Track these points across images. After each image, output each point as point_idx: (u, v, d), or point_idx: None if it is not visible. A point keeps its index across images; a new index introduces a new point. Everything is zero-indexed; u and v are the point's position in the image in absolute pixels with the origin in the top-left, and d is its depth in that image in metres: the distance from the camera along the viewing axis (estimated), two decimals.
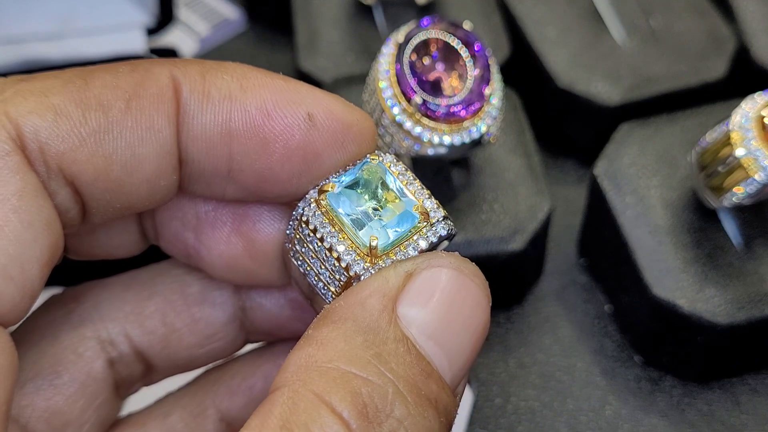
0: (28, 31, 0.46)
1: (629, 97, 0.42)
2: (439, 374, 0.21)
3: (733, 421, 0.37)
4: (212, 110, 0.23)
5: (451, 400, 0.22)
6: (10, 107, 0.21)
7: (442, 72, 0.32)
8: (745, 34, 0.44)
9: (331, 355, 0.20)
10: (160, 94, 0.22)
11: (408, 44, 0.32)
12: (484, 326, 0.22)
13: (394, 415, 0.20)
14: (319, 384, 0.20)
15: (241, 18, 0.53)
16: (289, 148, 0.23)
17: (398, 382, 0.20)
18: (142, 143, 0.22)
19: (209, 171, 0.24)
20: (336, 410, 0.19)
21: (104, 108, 0.22)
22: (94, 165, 0.22)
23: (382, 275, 0.22)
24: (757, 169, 0.33)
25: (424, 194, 0.23)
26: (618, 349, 0.39)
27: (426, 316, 0.21)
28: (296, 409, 0.19)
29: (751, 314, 0.35)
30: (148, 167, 0.23)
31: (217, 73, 0.23)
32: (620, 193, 0.38)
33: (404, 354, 0.21)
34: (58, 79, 0.22)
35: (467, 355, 0.22)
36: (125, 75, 0.23)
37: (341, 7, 0.45)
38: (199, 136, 0.23)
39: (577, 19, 0.44)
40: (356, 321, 0.21)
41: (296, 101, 0.23)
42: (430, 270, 0.22)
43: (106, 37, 0.47)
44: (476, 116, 0.32)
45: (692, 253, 0.36)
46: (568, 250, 0.42)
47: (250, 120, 0.23)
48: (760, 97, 0.34)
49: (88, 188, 0.22)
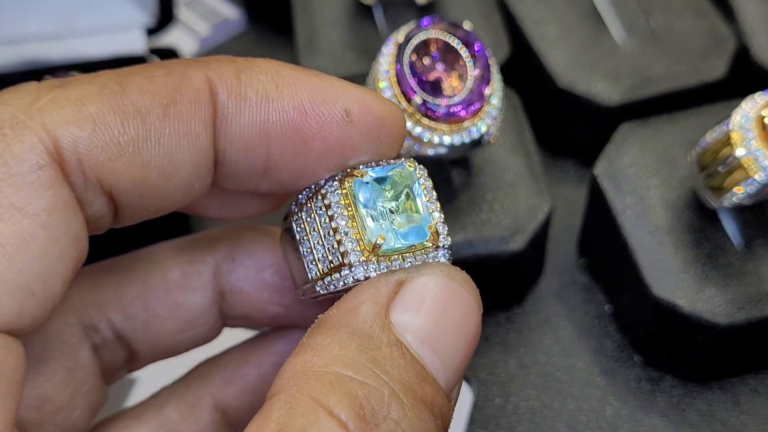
0: (28, 31, 0.46)
1: (629, 97, 0.42)
2: (433, 377, 0.21)
3: (733, 421, 0.37)
4: (250, 112, 0.23)
5: (446, 404, 0.22)
6: (46, 117, 0.21)
7: (442, 72, 0.32)
8: (745, 34, 0.44)
9: (327, 359, 0.21)
10: (197, 98, 0.22)
11: (408, 44, 0.32)
12: (475, 331, 0.23)
13: (390, 416, 0.20)
14: (315, 388, 0.20)
15: (241, 18, 0.53)
16: (327, 145, 0.23)
17: (394, 385, 0.20)
18: (179, 150, 0.22)
19: (246, 171, 0.24)
20: (333, 413, 0.19)
21: (142, 115, 0.22)
22: (131, 173, 0.22)
23: (373, 284, 0.22)
24: (757, 169, 0.33)
25: (440, 218, 0.24)
26: (618, 349, 0.39)
27: (418, 321, 0.22)
28: (294, 413, 0.19)
29: (751, 314, 0.35)
30: (184, 172, 0.22)
31: (252, 73, 0.23)
32: (620, 193, 0.38)
33: (399, 358, 0.21)
34: (94, 85, 0.22)
35: (460, 359, 0.22)
36: (161, 79, 0.22)
37: (341, 7, 0.45)
38: (237, 139, 0.23)
39: (577, 19, 0.44)
40: (350, 327, 0.21)
41: (332, 98, 0.23)
42: (420, 278, 0.22)
43: (106, 37, 0.47)
44: (476, 116, 0.32)
45: (692, 253, 0.36)
46: (568, 250, 0.42)
47: (287, 120, 0.23)
48: (760, 97, 0.34)
49: (125, 195, 0.22)
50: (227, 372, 0.29)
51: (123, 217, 0.23)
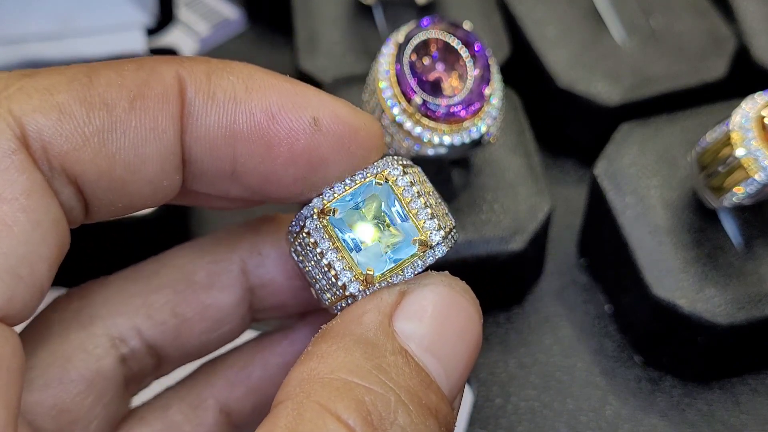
0: (28, 31, 0.46)
1: (629, 97, 0.42)
2: (437, 385, 0.22)
3: (733, 421, 0.37)
4: (216, 112, 0.23)
5: (449, 412, 0.22)
6: (14, 105, 0.21)
7: (442, 72, 0.32)
8: (745, 34, 0.44)
9: (333, 366, 0.21)
10: (165, 94, 0.22)
11: (408, 44, 0.32)
12: (477, 339, 0.23)
13: (397, 422, 0.20)
14: (322, 394, 0.20)
15: (241, 18, 0.53)
16: (293, 152, 0.23)
17: (400, 392, 0.21)
18: (145, 143, 0.22)
19: (213, 171, 0.24)
20: (342, 418, 0.20)
21: (108, 107, 0.22)
22: (97, 164, 0.22)
23: (377, 295, 0.22)
24: (757, 169, 0.33)
25: (427, 214, 0.23)
26: (618, 349, 0.39)
27: (422, 330, 0.22)
28: (302, 419, 0.20)
29: (751, 314, 0.35)
30: (151, 167, 0.22)
31: (223, 74, 0.23)
32: (620, 193, 0.38)
33: (403, 365, 0.21)
34: (63, 76, 0.22)
35: (462, 367, 0.22)
36: (130, 73, 0.22)
37: (341, 7, 0.45)
38: (202, 137, 0.23)
39: (577, 19, 0.44)
40: (354, 335, 0.21)
41: (302, 105, 0.23)
42: (422, 288, 0.22)
43: (106, 37, 0.47)
44: (476, 116, 0.32)
45: (692, 253, 0.36)
46: (568, 250, 0.42)
47: (254, 123, 0.23)
48: (760, 97, 0.34)
49: (91, 187, 0.22)
50: (231, 373, 0.29)
51: (93, 212, 0.23)
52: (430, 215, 0.23)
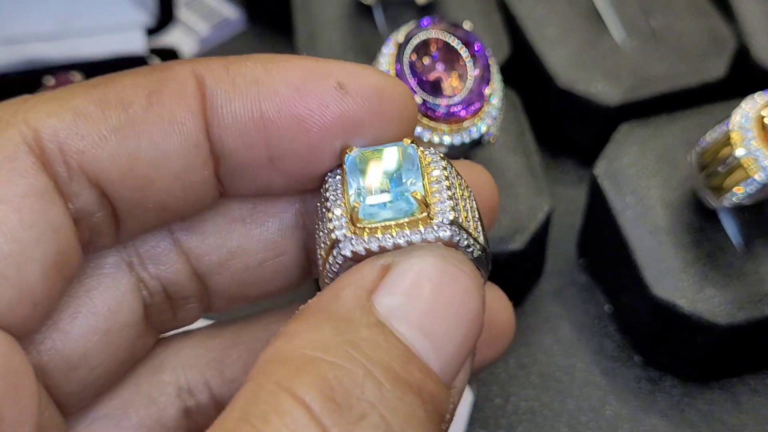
0: (28, 31, 0.46)
1: (629, 97, 0.42)
2: (422, 361, 0.20)
3: (733, 421, 0.37)
4: (240, 96, 0.22)
5: (440, 390, 0.20)
6: (29, 114, 0.21)
7: (442, 72, 0.32)
8: (745, 34, 0.44)
9: (298, 344, 0.20)
10: (181, 87, 0.22)
11: (408, 44, 0.32)
12: (475, 314, 0.21)
13: (365, 397, 0.19)
14: (282, 373, 0.19)
15: (241, 18, 0.53)
16: (325, 120, 0.22)
17: (371, 366, 0.19)
18: (165, 138, 0.22)
19: (249, 162, 0.23)
20: (297, 395, 0.19)
21: (124, 105, 0.22)
22: (117, 163, 0.22)
23: (357, 269, 0.21)
24: (757, 169, 0.33)
25: (444, 195, 0.22)
26: (618, 349, 0.39)
27: (405, 303, 0.20)
28: (256, 400, 0.19)
29: (751, 314, 0.35)
30: (175, 162, 0.22)
31: (240, 62, 0.23)
32: (620, 193, 0.38)
33: (380, 340, 0.20)
34: (81, 85, 0.22)
35: (457, 343, 0.21)
36: (145, 74, 0.22)
37: (341, 7, 0.45)
38: (231, 126, 0.22)
39: (577, 19, 0.44)
40: (328, 312, 0.20)
41: (324, 73, 0.22)
42: (408, 260, 0.21)
43: (106, 37, 0.47)
44: (476, 116, 0.32)
45: (692, 253, 0.36)
46: (568, 250, 0.42)
47: (280, 100, 0.22)
48: (760, 97, 0.34)
49: (115, 188, 0.22)
50: None
51: (123, 216, 0.23)
52: (450, 206, 0.22)
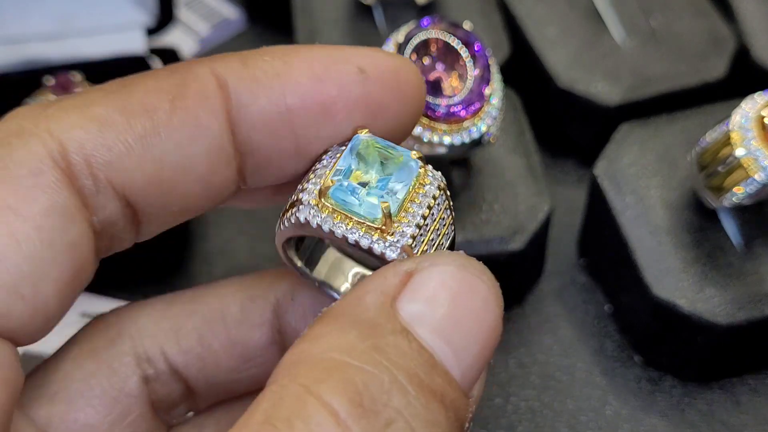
0: (28, 31, 0.46)
1: (629, 97, 0.42)
2: (444, 368, 0.20)
3: (733, 421, 0.37)
4: (264, 93, 0.23)
5: (460, 398, 0.20)
6: (52, 124, 0.21)
7: (442, 72, 0.32)
8: (745, 34, 0.44)
9: (324, 347, 0.20)
10: (204, 90, 0.22)
11: (408, 44, 0.32)
12: (494, 324, 0.21)
13: (391, 404, 0.19)
14: (308, 376, 0.19)
15: (241, 18, 0.53)
16: (349, 105, 0.23)
17: (397, 372, 0.19)
18: (191, 142, 0.22)
19: (277, 155, 0.23)
20: (324, 400, 0.18)
21: (149, 112, 0.22)
22: (144, 171, 0.22)
23: (380, 274, 0.21)
24: (757, 169, 0.33)
25: (415, 220, 0.22)
26: (618, 349, 0.39)
27: (428, 311, 0.20)
28: (281, 403, 0.19)
29: (751, 314, 0.35)
30: (200, 166, 0.22)
31: (257, 57, 0.23)
32: (620, 193, 0.38)
33: (404, 346, 0.20)
34: (100, 91, 0.22)
35: (477, 352, 0.21)
36: (166, 78, 0.22)
37: (341, 7, 0.45)
38: (258, 122, 0.23)
39: (577, 19, 0.44)
40: (352, 316, 0.20)
41: (343, 59, 0.23)
42: (431, 268, 0.21)
43: (106, 37, 0.47)
44: (476, 116, 0.32)
45: (692, 253, 0.36)
46: (568, 250, 0.42)
47: (305, 90, 0.23)
48: (760, 97, 0.34)
49: (142, 195, 0.22)
50: None
51: (145, 222, 0.23)
52: (418, 225, 0.22)
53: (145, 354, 0.26)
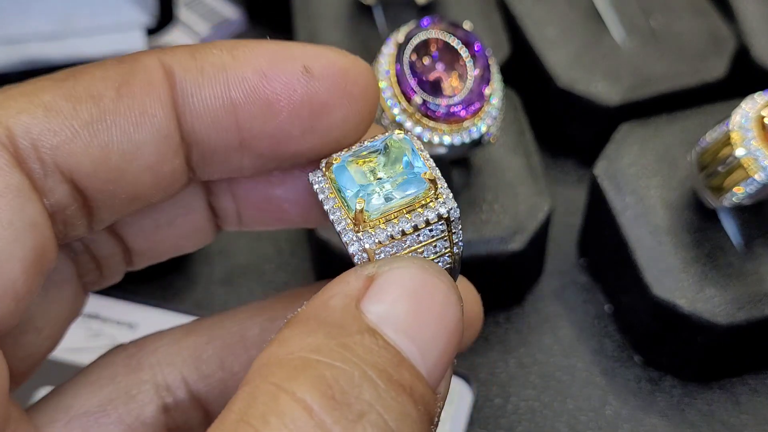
0: (28, 31, 0.46)
1: (629, 97, 0.42)
2: (411, 363, 0.21)
3: (733, 421, 0.37)
4: (209, 84, 0.23)
5: (428, 393, 0.21)
6: (0, 111, 0.22)
7: (442, 72, 0.32)
8: (745, 34, 0.44)
9: (293, 348, 0.20)
10: (150, 79, 0.23)
11: (408, 44, 0.32)
12: (455, 323, 0.22)
13: (363, 397, 0.19)
14: (279, 375, 0.19)
15: (241, 18, 0.53)
16: (293, 103, 0.23)
17: (366, 367, 0.20)
18: (137, 129, 0.22)
19: (221, 147, 0.24)
20: (296, 396, 0.19)
21: (95, 99, 0.22)
22: (90, 156, 0.22)
23: (343, 279, 0.22)
24: (757, 169, 0.33)
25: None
26: (618, 349, 0.39)
27: (391, 310, 0.21)
28: (254, 402, 0.19)
29: (751, 314, 0.35)
30: (147, 153, 0.23)
31: (206, 50, 0.23)
32: (620, 193, 0.38)
33: (371, 344, 0.20)
34: (49, 80, 0.22)
35: (440, 349, 0.21)
36: (113, 67, 0.23)
37: (341, 7, 0.45)
38: (202, 113, 0.23)
39: (577, 19, 0.44)
40: (319, 319, 0.21)
41: (290, 57, 0.23)
42: (392, 271, 0.22)
43: (106, 37, 0.47)
44: (476, 116, 0.32)
45: (692, 253, 0.36)
46: (568, 250, 0.42)
47: (249, 86, 0.23)
48: (760, 97, 0.34)
49: (89, 180, 0.22)
50: None
51: (96, 208, 0.23)
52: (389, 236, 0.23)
53: (165, 382, 0.26)
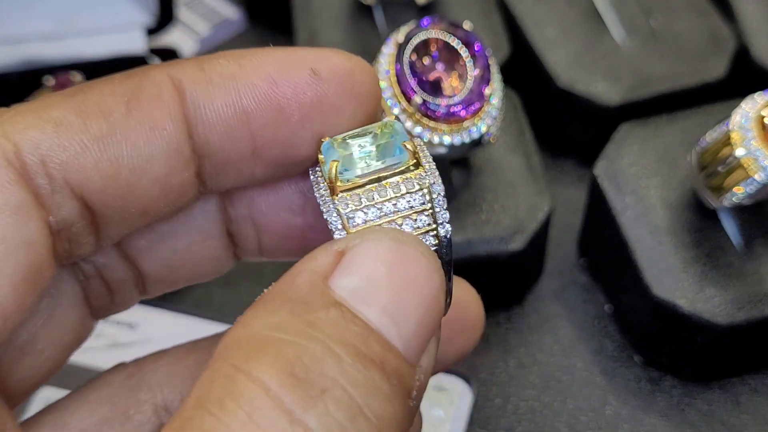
0: (28, 31, 0.46)
1: (629, 97, 0.42)
2: (382, 337, 0.20)
3: (733, 421, 0.37)
4: (220, 94, 0.23)
5: (403, 366, 0.20)
6: (7, 126, 0.22)
7: (442, 72, 0.32)
8: (745, 34, 0.44)
9: (255, 328, 0.20)
10: (159, 93, 0.23)
11: (408, 44, 0.32)
12: (433, 293, 0.21)
13: (326, 372, 0.19)
14: (237, 356, 0.19)
15: (241, 18, 0.53)
16: (303, 107, 0.23)
17: (330, 342, 0.19)
18: (147, 144, 0.22)
19: (235, 157, 0.24)
20: (253, 375, 0.18)
21: (104, 114, 0.22)
22: (100, 171, 0.22)
23: (311, 256, 0.21)
24: (757, 169, 0.33)
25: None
26: (618, 349, 0.39)
27: (362, 283, 0.20)
28: (211, 386, 0.19)
29: (751, 314, 0.35)
30: (157, 167, 0.23)
31: (213, 61, 0.24)
32: (620, 193, 0.38)
33: (338, 318, 0.20)
34: (58, 96, 0.22)
35: (418, 320, 0.21)
36: (122, 82, 0.23)
37: (341, 7, 0.45)
38: (215, 123, 0.23)
39: (577, 19, 0.44)
40: (284, 297, 0.20)
41: (297, 62, 0.24)
42: (364, 243, 0.21)
43: (106, 37, 0.47)
44: (476, 116, 0.32)
45: (692, 253, 0.36)
46: (568, 250, 0.42)
47: (259, 93, 0.23)
48: (760, 97, 0.34)
49: (99, 196, 0.22)
50: None
51: (103, 224, 0.23)
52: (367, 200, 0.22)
53: (164, 403, 0.26)
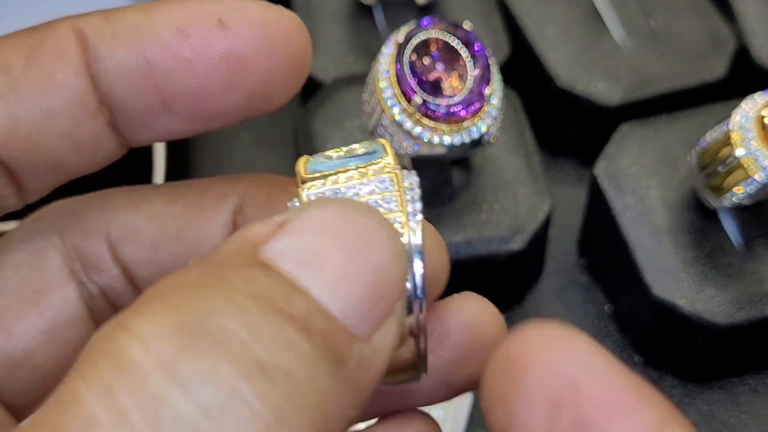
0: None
1: (629, 97, 0.42)
2: (309, 295, 0.18)
3: (733, 421, 0.37)
4: (123, 46, 0.23)
5: (335, 330, 0.18)
6: None
7: (442, 72, 0.32)
8: (745, 34, 0.44)
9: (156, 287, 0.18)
10: (60, 46, 0.23)
11: (408, 44, 0.32)
12: (383, 259, 0.19)
13: (224, 324, 0.17)
14: (124, 313, 0.17)
15: None
16: (211, 60, 0.22)
17: (235, 294, 0.17)
18: (47, 97, 0.22)
19: (142, 108, 0.23)
20: (133, 330, 0.17)
21: (3, 69, 0.22)
22: (1, 126, 0.22)
23: (247, 227, 0.19)
24: (757, 169, 0.33)
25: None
26: (618, 349, 0.39)
27: (295, 243, 0.18)
28: (91, 347, 0.17)
29: (751, 314, 0.35)
30: (60, 120, 0.23)
31: (121, 12, 0.23)
32: (620, 193, 0.38)
33: (258, 275, 0.18)
34: None
35: (361, 285, 0.18)
36: (23, 37, 0.23)
37: (341, 7, 0.45)
38: (117, 75, 0.23)
39: (577, 19, 0.44)
40: (203, 261, 0.19)
41: (205, 13, 0.23)
42: (308, 212, 0.19)
43: None
44: (476, 116, 0.32)
45: (692, 253, 0.36)
46: (568, 250, 0.42)
47: (164, 44, 0.22)
48: (760, 97, 0.34)
49: (5, 150, 0.22)
50: None
51: (25, 180, 0.23)
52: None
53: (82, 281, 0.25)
